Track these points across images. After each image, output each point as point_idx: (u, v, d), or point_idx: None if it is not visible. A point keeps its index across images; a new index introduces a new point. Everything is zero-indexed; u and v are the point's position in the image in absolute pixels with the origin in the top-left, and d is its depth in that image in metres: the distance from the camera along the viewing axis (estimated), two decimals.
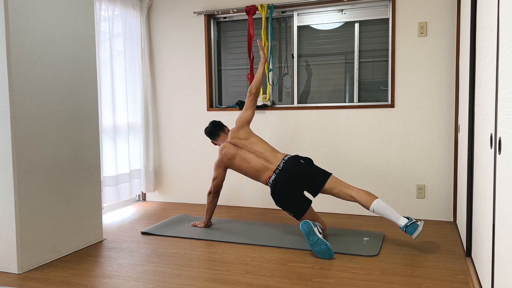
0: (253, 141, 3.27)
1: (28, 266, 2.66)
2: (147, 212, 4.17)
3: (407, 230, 2.82)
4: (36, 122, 2.70)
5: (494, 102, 1.87)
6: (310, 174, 3.04)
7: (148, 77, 4.53)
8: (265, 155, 3.18)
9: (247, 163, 3.20)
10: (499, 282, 1.69)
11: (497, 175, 1.78)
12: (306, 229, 2.78)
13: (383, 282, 2.39)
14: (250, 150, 3.23)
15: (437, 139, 3.69)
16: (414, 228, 2.81)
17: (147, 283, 2.43)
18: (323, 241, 2.77)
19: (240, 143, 3.28)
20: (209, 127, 3.49)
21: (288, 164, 3.07)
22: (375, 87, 3.93)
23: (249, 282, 2.42)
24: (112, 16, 4.10)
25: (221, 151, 3.34)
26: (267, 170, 3.13)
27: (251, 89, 3.40)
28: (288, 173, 3.03)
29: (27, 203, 2.65)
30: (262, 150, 3.21)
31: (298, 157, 3.14)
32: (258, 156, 3.19)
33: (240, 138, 3.29)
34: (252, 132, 3.35)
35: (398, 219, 2.87)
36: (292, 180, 3.02)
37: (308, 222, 2.80)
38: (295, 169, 3.03)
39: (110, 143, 4.08)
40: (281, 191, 3.03)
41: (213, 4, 4.32)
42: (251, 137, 3.29)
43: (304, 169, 3.04)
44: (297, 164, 3.05)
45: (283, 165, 3.08)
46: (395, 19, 3.72)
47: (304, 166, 3.06)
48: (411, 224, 2.82)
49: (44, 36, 2.75)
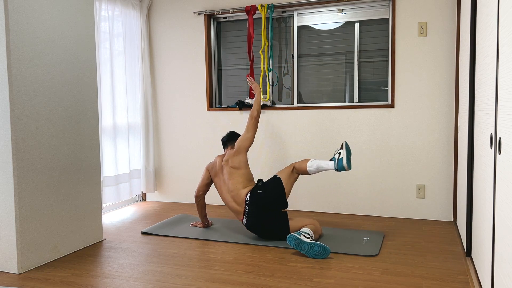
0: (235, 174, 3.26)
1: (28, 266, 2.66)
2: (147, 212, 4.17)
3: (338, 168, 2.97)
4: (36, 122, 2.70)
5: (494, 102, 1.87)
6: (271, 196, 3.11)
7: (148, 77, 4.53)
8: (234, 193, 3.22)
9: (225, 199, 3.28)
10: (499, 282, 1.69)
11: (497, 175, 1.78)
12: (293, 243, 2.84)
13: (383, 282, 2.39)
14: (226, 180, 3.27)
15: (437, 139, 3.69)
16: (341, 162, 2.96)
17: (147, 283, 2.43)
18: (314, 243, 2.79)
19: (226, 168, 3.30)
20: (225, 136, 3.53)
21: (252, 207, 3.12)
22: (375, 87, 3.93)
23: (249, 282, 2.42)
24: (112, 16, 4.10)
25: (214, 160, 3.43)
26: (239, 213, 3.20)
27: (253, 113, 3.37)
28: (255, 213, 3.10)
29: (27, 203, 2.65)
30: (233, 187, 3.23)
31: (255, 190, 3.15)
32: (230, 192, 3.23)
33: (229, 164, 3.30)
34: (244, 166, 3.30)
35: (328, 165, 3.03)
36: (262, 215, 3.10)
37: (292, 236, 2.85)
38: (259, 205, 3.10)
39: (110, 143, 4.08)
40: (260, 231, 3.14)
41: (213, 4, 4.32)
42: (240, 168, 3.28)
43: (266, 200, 3.10)
44: (259, 201, 3.11)
45: (248, 208, 3.14)
46: (395, 19, 3.72)
47: (264, 197, 3.11)
48: (336, 162, 2.97)
49: (44, 36, 2.75)
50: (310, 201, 4.11)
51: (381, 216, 3.88)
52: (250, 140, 3.34)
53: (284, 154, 4.16)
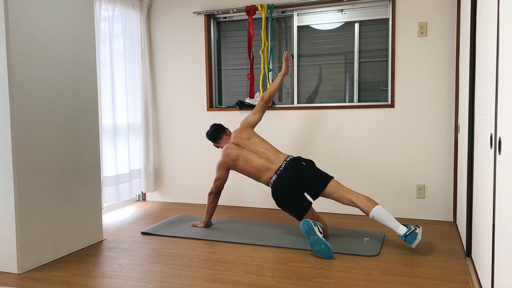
0: (255, 141, 3.27)
1: (28, 266, 2.66)
2: (147, 212, 4.17)
3: (407, 239, 2.80)
4: (36, 122, 2.70)
5: (494, 102, 1.87)
6: (311, 176, 3.03)
7: (148, 77, 4.53)
8: (267, 155, 3.18)
9: (249, 163, 3.21)
10: (499, 282, 1.69)
11: (497, 175, 1.78)
12: (306, 228, 2.78)
13: (383, 282, 2.39)
14: (252, 150, 3.24)
15: (437, 139, 3.69)
16: (414, 237, 2.79)
17: (147, 283, 2.43)
18: (323, 240, 2.76)
19: (243, 143, 3.28)
20: (210, 130, 3.49)
21: (290, 166, 3.06)
22: (375, 87, 3.93)
23: (249, 282, 2.42)
24: (112, 16, 4.10)
25: (224, 152, 3.34)
26: (268, 170, 3.13)
27: (264, 95, 3.41)
28: (289, 175, 3.03)
29: (27, 203, 2.65)
30: (264, 150, 3.21)
31: (300, 158, 3.13)
32: (260, 156, 3.19)
33: (242, 138, 3.30)
34: (255, 133, 3.35)
35: (398, 227, 2.84)
36: (292, 182, 3.01)
37: (308, 221, 2.80)
38: (296, 171, 3.03)
39: (110, 143, 4.08)
40: (282, 193, 3.04)
41: (213, 4, 4.32)
42: (254, 137, 3.30)
43: (305, 172, 3.04)
44: (299, 166, 3.05)
45: (284, 166, 3.07)
46: (395, 19, 3.72)
47: (306, 168, 3.06)
48: (410, 233, 2.80)
49: (44, 36, 2.75)
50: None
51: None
52: (257, 120, 3.38)
53: None
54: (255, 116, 3.40)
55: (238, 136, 3.32)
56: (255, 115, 3.40)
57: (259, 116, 3.40)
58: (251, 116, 3.41)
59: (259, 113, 3.40)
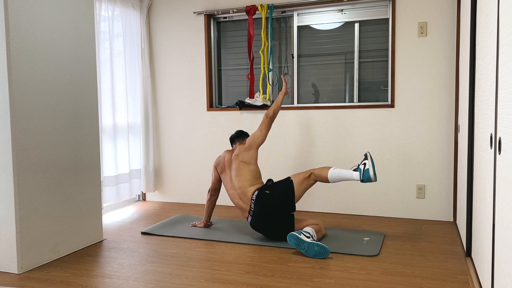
0: (244, 170, 3.24)
1: (28, 266, 2.66)
2: (147, 212, 4.17)
3: (364, 179, 2.92)
4: (36, 122, 2.70)
5: (494, 102, 1.87)
6: (279, 198, 3.07)
7: (148, 77, 4.53)
8: (240, 191, 3.20)
9: (229, 190, 3.27)
10: (499, 282, 1.69)
11: (497, 175, 1.78)
12: (294, 242, 2.83)
13: (383, 282, 2.39)
14: (233, 176, 3.25)
15: (437, 139, 3.69)
16: (367, 173, 2.91)
17: (147, 283, 2.43)
18: (314, 243, 2.79)
19: (236, 163, 3.28)
20: (234, 133, 3.55)
21: (258, 206, 3.09)
22: (375, 87, 3.93)
23: (249, 282, 2.42)
24: (112, 16, 4.10)
25: (221, 155, 3.41)
26: (244, 211, 3.19)
27: (268, 112, 3.42)
28: (261, 214, 3.08)
29: (27, 203, 2.65)
30: (240, 184, 3.21)
31: (263, 190, 3.13)
32: (237, 189, 3.22)
33: (239, 158, 3.29)
34: (254, 160, 3.31)
35: (352, 176, 2.97)
36: (267, 216, 3.07)
37: (292, 235, 2.84)
38: (265, 206, 3.07)
39: (110, 143, 4.08)
40: (264, 231, 3.13)
41: (213, 4, 4.32)
42: (250, 164, 3.28)
43: (272, 198, 3.07)
44: (265, 200, 3.08)
45: (254, 208, 3.11)
46: (395, 19, 3.72)
47: (271, 196, 3.08)
48: (362, 173, 2.92)
49: (44, 36, 2.75)
50: (310, 201, 4.11)
51: (381, 216, 3.88)
52: (263, 138, 3.38)
53: (285, 154, 4.16)
54: (262, 133, 3.39)
55: (240, 154, 3.31)
56: (261, 132, 3.39)
57: (266, 133, 3.41)
58: (258, 133, 3.38)
59: (265, 130, 3.41)
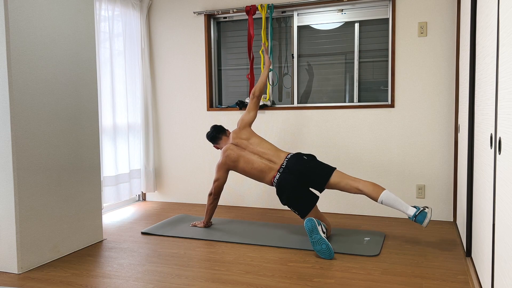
0: (255, 142, 3.27)
1: (28, 266, 2.66)
2: (147, 212, 4.17)
3: (417, 219, 2.84)
4: (36, 122, 2.70)
5: (494, 102, 1.87)
6: (314, 169, 3.03)
7: (148, 77, 4.53)
8: (268, 155, 3.18)
9: (250, 164, 3.20)
10: (499, 282, 1.69)
11: (497, 175, 1.78)
12: (310, 226, 2.77)
13: (383, 282, 2.39)
14: (253, 151, 3.23)
15: (437, 139, 3.69)
16: (423, 216, 2.83)
17: (147, 283, 2.43)
18: (325, 240, 2.76)
19: (243, 143, 3.28)
20: (210, 131, 3.50)
21: (292, 162, 3.07)
22: (375, 87, 3.93)
23: (249, 282, 2.42)
24: (112, 16, 4.10)
25: (224, 153, 3.33)
26: (271, 170, 3.13)
27: (255, 91, 3.41)
28: (292, 171, 3.03)
29: (27, 203, 2.65)
30: (265, 150, 3.21)
31: (301, 154, 3.15)
32: (261, 157, 3.19)
33: (242, 138, 3.30)
34: (254, 133, 3.35)
35: (407, 209, 2.88)
36: (297, 177, 3.02)
37: (312, 220, 2.79)
38: (299, 166, 3.04)
39: (110, 143, 4.08)
40: (287, 189, 3.02)
41: (213, 4, 4.32)
42: (253, 137, 3.30)
43: (308, 165, 3.05)
44: (301, 161, 3.06)
45: (286, 163, 3.08)
46: (395, 19, 3.72)
47: (308, 162, 3.07)
48: (419, 213, 2.84)
49: (44, 36, 2.75)
50: None
51: (381, 216, 3.88)
52: (253, 117, 3.38)
53: None
54: (250, 114, 3.40)
55: (238, 137, 3.32)
56: (250, 113, 3.40)
57: (254, 113, 3.41)
58: (246, 115, 3.41)
59: (253, 111, 3.41)
